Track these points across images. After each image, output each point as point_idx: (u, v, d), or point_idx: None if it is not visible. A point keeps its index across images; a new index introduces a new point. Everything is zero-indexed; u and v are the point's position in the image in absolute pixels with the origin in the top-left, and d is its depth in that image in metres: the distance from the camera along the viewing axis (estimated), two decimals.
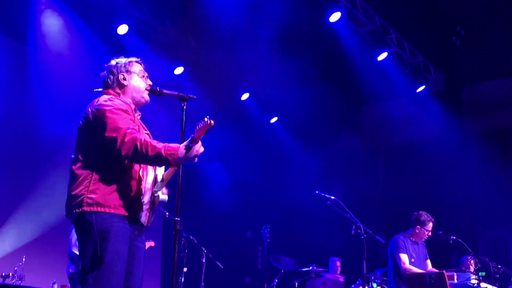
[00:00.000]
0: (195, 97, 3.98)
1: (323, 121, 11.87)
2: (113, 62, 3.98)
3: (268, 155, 12.48)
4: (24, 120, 9.10)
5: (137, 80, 3.95)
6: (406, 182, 11.49)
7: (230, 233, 11.81)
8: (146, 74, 4.02)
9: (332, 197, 7.20)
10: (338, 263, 10.18)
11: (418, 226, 7.68)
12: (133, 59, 4.02)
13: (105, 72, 3.96)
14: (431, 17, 10.10)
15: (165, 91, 4.00)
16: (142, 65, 4.04)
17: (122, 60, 3.99)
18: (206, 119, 3.55)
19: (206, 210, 11.62)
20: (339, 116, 12.03)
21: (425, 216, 7.68)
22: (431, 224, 7.69)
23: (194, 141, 3.56)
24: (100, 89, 3.97)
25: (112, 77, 3.93)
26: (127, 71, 3.94)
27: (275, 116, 12.39)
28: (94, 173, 3.62)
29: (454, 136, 11.23)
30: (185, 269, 8.32)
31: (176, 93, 3.97)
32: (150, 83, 4.01)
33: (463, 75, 11.37)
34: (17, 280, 7.44)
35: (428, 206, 8.33)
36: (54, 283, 7.73)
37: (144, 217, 3.80)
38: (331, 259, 10.23)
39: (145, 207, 3.79)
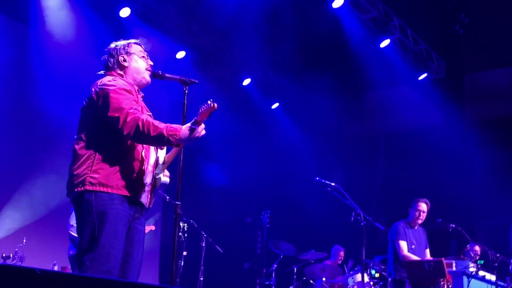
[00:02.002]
0: (196, 81, 4.00)
1: (324, 107, 11.85)
2: (112, 45, 4.01)
3: (269, 141, 12.47)
4: (25, 101, 9.08)
5: (137, 60, 3.97)
6: (406, 170, 11.49)
7: (230, 217, 11.84)
8: (146, 54, 4.04)
9: (333, 184, 7.21)
10: (342, 253, 10.11)
11: (409, 208, 7.76)
12: (132, 40, 4.05)
13: (106, 55, 3.99)
14: (435, 4, 10.06)
15: (167, 74, 4.02)
16: (141, 46, 4.05)
17: (121, 42, 4.01)
18: (209, 102, 3.57)
19: (207, 194, 11.64)
20: (341, 102, 12.01)
21: (417, 198, 7.75)
22: (422, 204, 7.70)
23: (197, 123, 3.59)
24: (102, 72, 3.99)
25: (112, 60, 3.95)
26: (127, 53, 3.96)
27: (276, 102, 12.38)
28: (97, 153, 3.65)
29: (455, 124, 11.22)
30: (184, 253, 8.35)
31: (178, 77, 3.99)
32: (151, 63, 4.04)
33: (465, 63, 11.35)
34: (17, 261, 7.48)
35: (427, 193, 8.35)
36: (54, 265, 7.77)
37: (145, 199, 3.81)
38: (335, 246, 10.19)
39: (146, 188, 3.80)
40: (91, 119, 3.74)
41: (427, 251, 7.87)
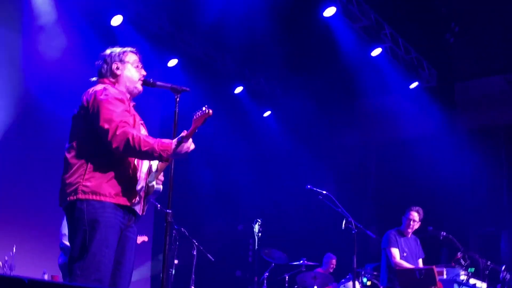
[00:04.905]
0: (188, 89, 3.97)
1: (316, 115, 11.89)
2: (107, 51, 3.97)
3: (260, 148, 12.48)
4: (16, 109, 9.05)
5: (131, 70, 3.94)
6: (398, 178, 11.52)
7: (221, 226, 11.82)
8: (140, 64, 4.01)
9: (324, 192, 7.20)
10: (334, 261, 10.10)
11: (403, 216, 7.80)
12: (128, 48, 4.01)
13: (100, 61, 3.95)
14: (426, 13, 10.12)
15: (158, 82, 4.00)
16: (137, 55, 4.02)
17: (117, 49, 3.97)
18: (204, 108, 3.56)
19: (198, 202, 11.61)
20: (332, 111, 12.04)
21: (410, 206, 7.79)
22: (413, 213, 7.74)
23: (185, 138, 3.57)
24: (94, 79, 3.96)
25: (106, 67, 3.91)
26: (121, 61, 3.93)
27: (268, 110, 12.39)
28: (89, 162, 3.62)
29: (447, 132, 11.26)
30: (176, 261, 8.32)
31: (169, 85, 3.97)
32: (144, 73, 4.00)
33: (456, 71, 11.41)
34: (7, 269, 7.43)
35: (419, 201, 8.37)
36: (44, 273, 7.73)
37: (138, 206, 3.80)
38: (327, 254, 10.18)
39: (139, 196, 3.79)
40: (82, 128, 3.72)
41: (420, 261, 7.88)
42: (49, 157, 8.67)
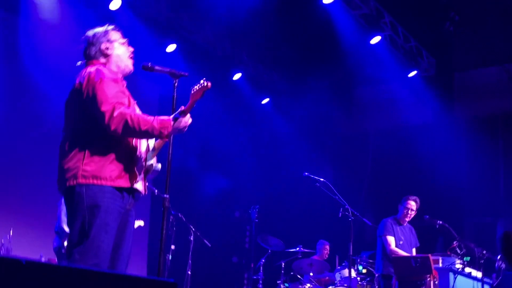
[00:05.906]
0: (186, 74, 3.95)
1: (314, 103, 11.87)
2: (90, 32, 3.88)
3: (258, 135, 12.48)
4: (12, 92, 9.02)
5: (119, 48, 3.88)
6: (395, 166, 11.53)
7: (219, 212, 11.83)
8: (126, 40, 3.94)
9: (321, 179, 7.23)
10: (327, 247, 10.15)
11: (399, 204, 7.82)
12: (109, 27, 3.92)
13: (84, 44, 3.87)
14: (426, 2, 10.09)
15: (156, 67, 3.97)
16: (120, 31, 3.94)
17: (100, 29, 3.89)
18: (202, 81, 3.56)
19: (195, 188, 11.62)
20: (331, 98, 12.03)
21: (408, 195, 7.81)
22: (411, 202, 7.77)
23: (183, 113, 3.57)
24: (80, 63, 3.89)
25: (94, 48, 3.83)
26: (108, 40, 3.85)
27: (267, 97, 12.37)
28: (87, 146, 3.58)
29: (445, 121, 11.27)
30: (172, 247, 8.34)
31: (167, 69, 3.95)
32: (132, 49, 3.94)
33: (455, 61, 11.39)
34: (4, 253, 7.44)
35: (415, 190, 8.39)
36: (41, 257, 7.73)
37: (140, 186, 3.77)
38: (320, 241, 10.23)
39: (140, 176, 3.76)
40: (78, 111, 3.67)
41: (414, 250, 7.91)
42: (46, 140, 8.65)
